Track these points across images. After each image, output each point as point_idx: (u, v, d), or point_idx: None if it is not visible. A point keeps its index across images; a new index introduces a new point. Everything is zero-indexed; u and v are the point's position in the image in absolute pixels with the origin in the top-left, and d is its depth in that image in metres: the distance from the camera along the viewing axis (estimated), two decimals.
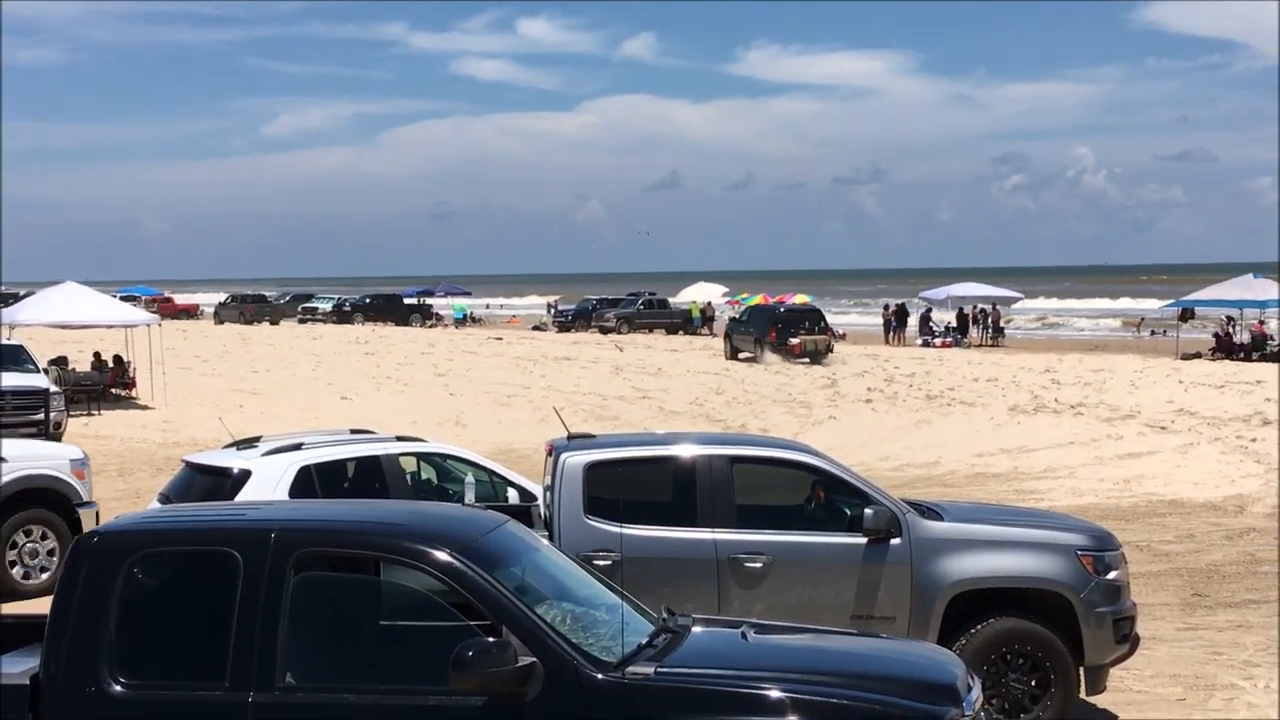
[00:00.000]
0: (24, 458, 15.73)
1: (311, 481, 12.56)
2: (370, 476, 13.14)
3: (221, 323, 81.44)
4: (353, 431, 14.72)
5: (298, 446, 13.10)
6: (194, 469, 13.24)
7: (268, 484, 12.31)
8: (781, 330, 49.37)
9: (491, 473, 14.16)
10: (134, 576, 6.77)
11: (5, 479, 15.24)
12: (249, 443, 13.56)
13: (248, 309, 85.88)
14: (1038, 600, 10.32)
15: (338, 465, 13.07)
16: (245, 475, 12.44)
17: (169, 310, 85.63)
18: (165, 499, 12.95)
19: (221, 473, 12.69)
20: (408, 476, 13.61)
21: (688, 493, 10.55)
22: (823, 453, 11.36)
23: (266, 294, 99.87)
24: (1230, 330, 49.82)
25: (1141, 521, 19.89)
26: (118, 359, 38.73)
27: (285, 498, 11.99)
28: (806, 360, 47.86)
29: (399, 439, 14.29)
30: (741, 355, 51.02)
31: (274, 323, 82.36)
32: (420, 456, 14.11)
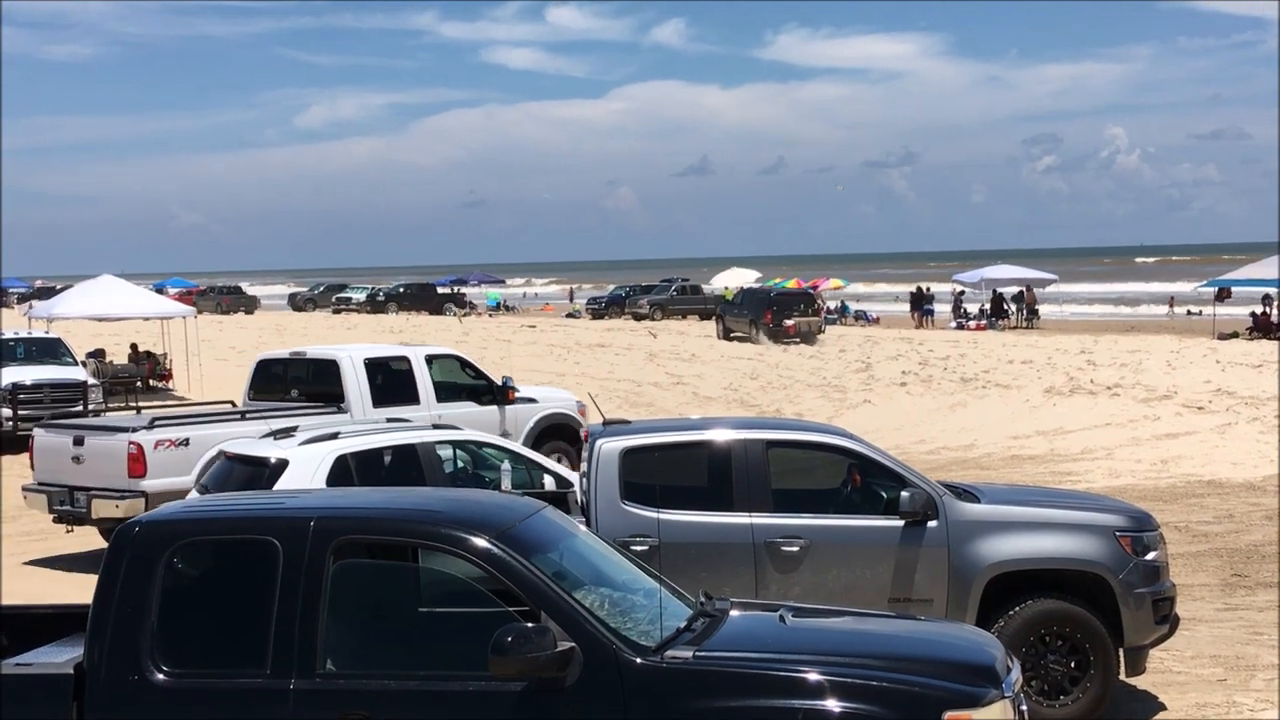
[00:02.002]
0: (548, 399, 21.06)
1: (348, 470, 12.63)
2: (407, 465, 13.19)
3: (200, 313, 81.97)
4: (388, 420, 14.77)
5: (334, 436, 13.17)
6: (232, 459, 13.31)
7: (305, 473, 12.38)
8: (776, 312, 51.74)
9: (527, 460, 14.20)
10: (175, 566, 6.82)
11: (540, 414, 20.57)
12: (286, 432, 13.63)
13: (224, 300, 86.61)
14: (1076, 582, 10.29)
15: (374, 454, 13.13)
16: (283, 465, 12.52)
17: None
18: (204, 489, 13.04)
19: (259, 463, 12.77)
20: (444, 464, 13.67)
21: (724, 477, 10.56)
22: (858, 436, 11.34)
23: (242, 285, 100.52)
24: (1268, 310, 49.44)
25: (1180, 502, 19.80)
26: (148, 353, 38.92)
27: (322, 486, 12.06)
28: (798, 340, 50.01)
29: (435, 427, 14.34)
30: (734, 335, 53.25)
31: (249, 312, 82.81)
32: (456, 444, 14.16)
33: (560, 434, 20.67)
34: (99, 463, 16.62)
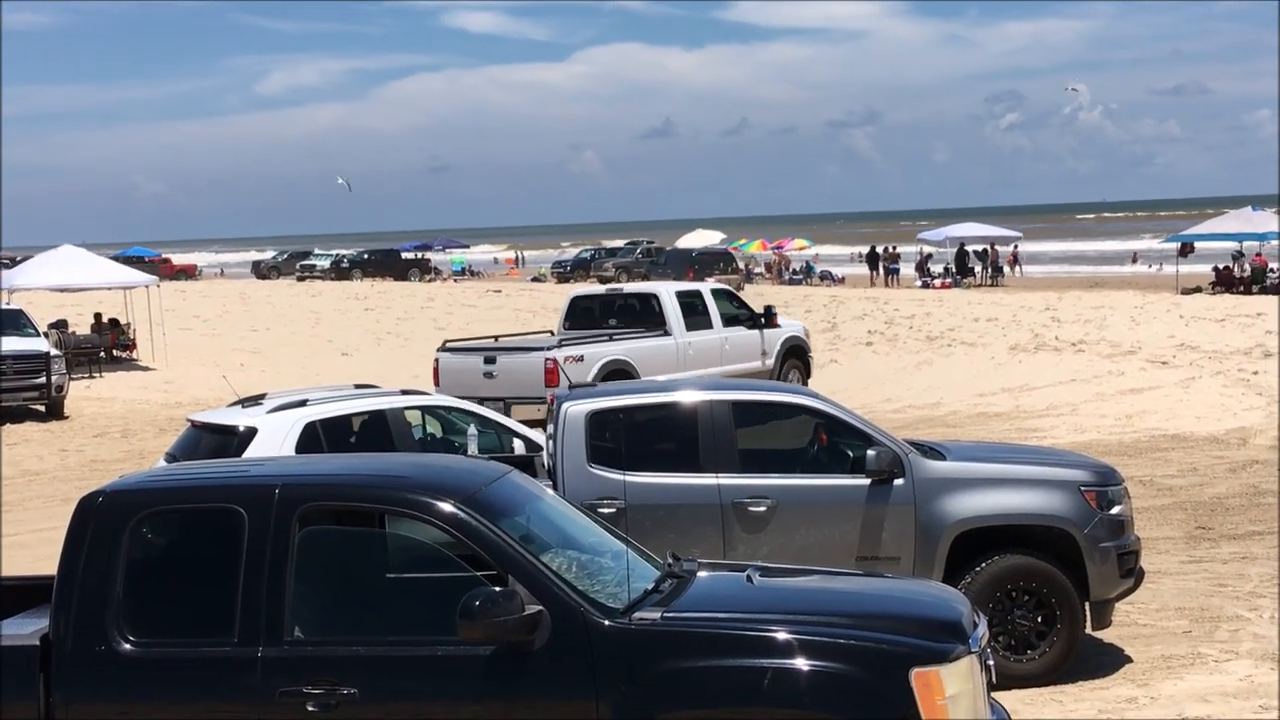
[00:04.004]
0: (788, 326, 25.91)
1: (317, 437, 12.56)
2: (376, 431, 13.14)
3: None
4: (357, 386, 14.68)
5: (303, 403, 13.08)
6: (199, 428, 13.23)
7: (274, 441, 12.31)
8: (698, 271, 54.69)
9: (496, 424, 14.18)
10: (140, 535, 6.78)
11: (785, 336, 25.39)
12: (254, 400, 13.54)
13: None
14: (1042, 537, 10.35)
15: (343, 420, 13.06)
16: (251, 433, 12.43)
17: (167, 271, 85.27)
18: (172, 458, 12.94)
19: (227, 431, 12.68)
20: (413, 430, 13.62)
21: (690, 438, 10.56)
22: (824, 395, 11.36)
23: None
24: (1231, 265, 49.70)
25: (1144, 456, 19.92)
26: (113, 321, 38.68)
27: (291, 454, 12.00)
28: None
29: (404, 392, 14.29)
30: None
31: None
32: (425, 410, 14.11)
33: (795, 354, 25.80)
34: (515, 376, 20.92)
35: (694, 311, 23.87)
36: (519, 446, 13.54)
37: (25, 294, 36.72)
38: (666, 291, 24.14)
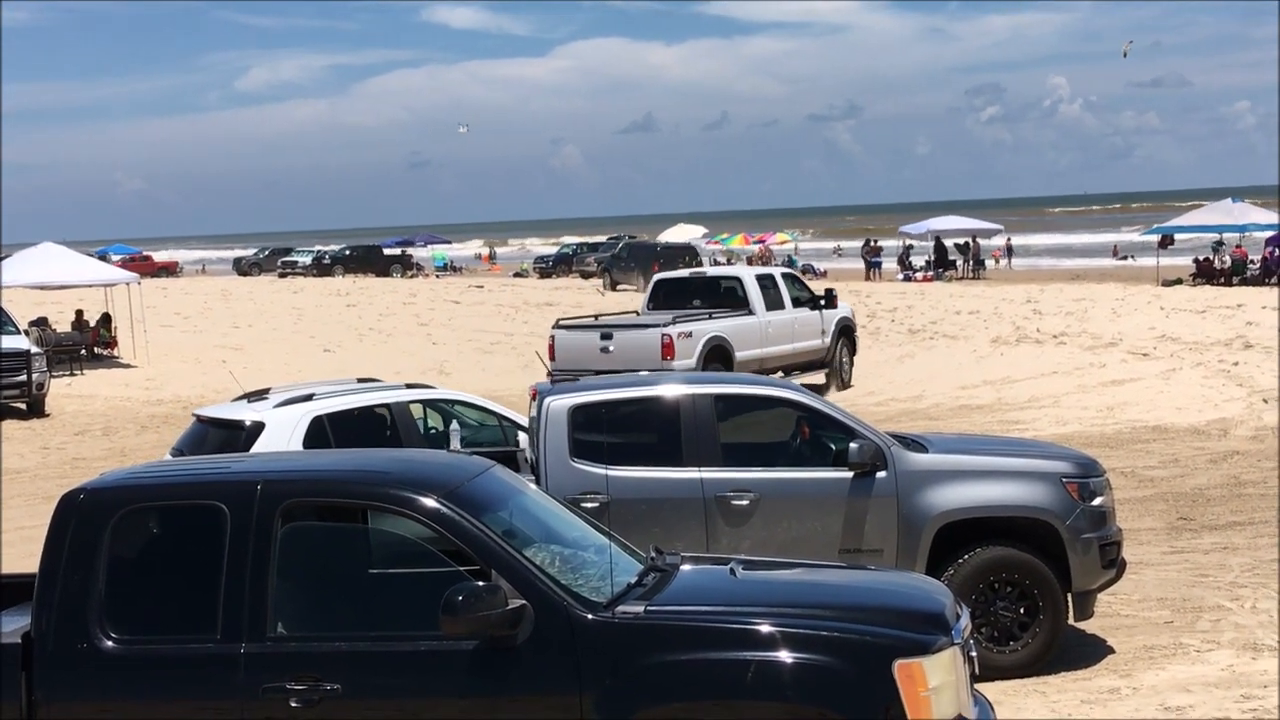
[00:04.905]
0: (842, 309, 27.83)
1: (324, 431, 12.44)
2: (382, 425, 13.08)
3: None
4: (360, 381, 14.59)
5: (309, 397, 12.96)
6: (206, 423, 13.10)
7: (282, 435, 12.19)
8: (663, 265, 54.29)
9: (500, 416, 14.12)
10: (121, 532, 6.75)
11: (839, 317, 27.56)
12: (259, 395, 13.42)
13: None
14: (1024, 528, 10.37)
15: (350, 414, 12.94)
16: (259, 427, 12.31)
17: (148, 268, 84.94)
18: (179, 453, 12.83)
19: (234, 426, 12.55)
20: (418, 424, 13.54)
21: (673, 432, 10.56)
22: (806, 389, 11.37)
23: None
24: (1212, 256, 49.80)
25: (1126, 448, 19.98)
26: (106, 317, 38.49)
27: (300, 448, 11.90)
28: None
29: (408, 386, 14.22)
30: (620, 287, 56.77)
31: None
32: (428, 403, 14.01)
33: (845, 333, 28.08)
34: (632, 351, 22.17)
35: (770, 292, 25.85)
36: (523, 440, 13.48)
37: (6, 292, 36.53)
38: (748, 274, 26.56)
